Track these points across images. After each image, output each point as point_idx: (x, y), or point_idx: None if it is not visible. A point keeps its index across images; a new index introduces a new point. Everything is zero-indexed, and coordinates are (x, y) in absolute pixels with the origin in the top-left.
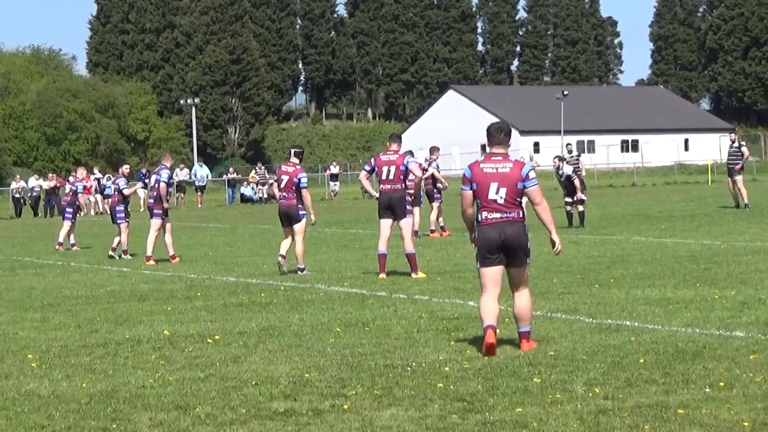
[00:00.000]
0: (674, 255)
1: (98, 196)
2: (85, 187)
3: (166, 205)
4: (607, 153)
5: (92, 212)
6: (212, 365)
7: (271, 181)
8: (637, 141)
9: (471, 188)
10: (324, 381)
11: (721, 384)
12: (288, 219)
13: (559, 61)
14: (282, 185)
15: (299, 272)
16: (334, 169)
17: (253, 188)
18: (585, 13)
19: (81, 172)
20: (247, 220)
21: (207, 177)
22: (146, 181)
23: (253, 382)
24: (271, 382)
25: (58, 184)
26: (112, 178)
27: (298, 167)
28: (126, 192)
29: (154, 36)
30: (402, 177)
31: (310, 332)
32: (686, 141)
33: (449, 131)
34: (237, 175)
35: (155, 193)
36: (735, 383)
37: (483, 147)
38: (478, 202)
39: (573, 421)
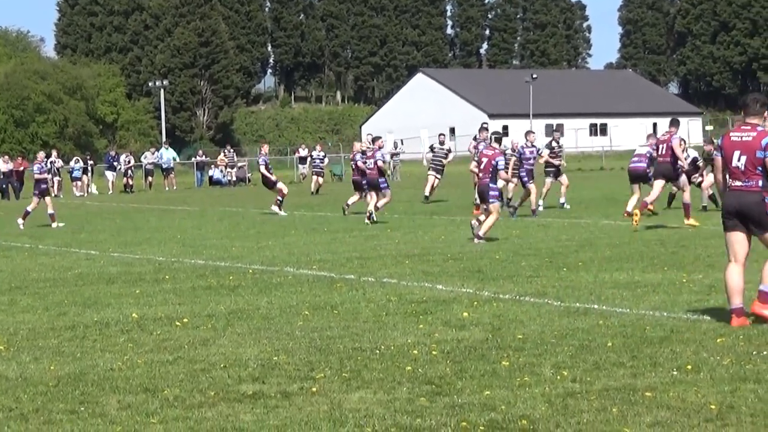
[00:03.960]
0: (642, 238)
1: (56, 179)
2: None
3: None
4: (575, 137)
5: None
6: (181, 348)
7: (241, 164)
8: (605, 125)
9: (721, 155)
10: (292, 364)
11: (689, 367)
12: (482, 197)
13: (528, 45)
14: (482, 166)
15: (476, 240)
16: (303, 152)
17: (221, 171)
18: None
19: (40, 154)
20: (216, 202)
21: (174, 160)
22: (114, 163)
23: (222, 365)
24: (239, 364)
25: (17, 167)
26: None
27: (497, 151)
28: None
29: (123, 18)
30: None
31: (278, 315)
32: (654, 125)
33: (418, 114)
34: (205, 157)
35: None
36: (702, 366)
37: (452, 130)
38: (727, 169)
39: (541, 404)
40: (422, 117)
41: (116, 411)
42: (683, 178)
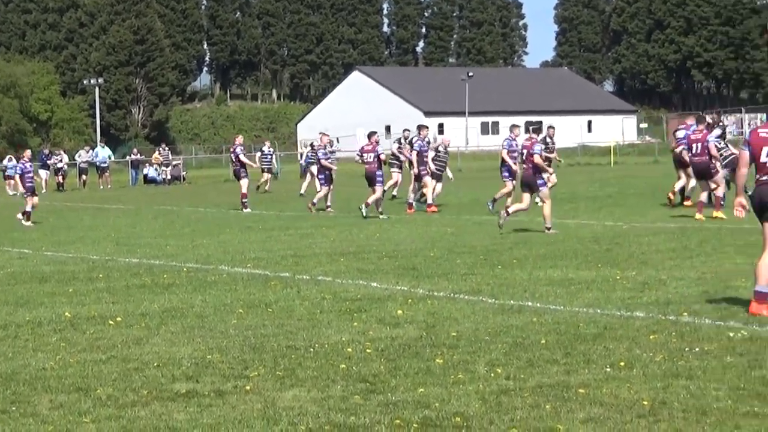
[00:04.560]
0: (577, 236)
1: None
2: None
3: None
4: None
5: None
6: (114, 347)
7: (176, 162)
8: (541, 123)
9: (748, 150)
10: (226, 362)
11: (622, 363)
12: (528, 187)
13: (465, 43)
14: (524, 157)
15: (546, 231)
16: (267, 149)
17: (156, 169)
18: None
19: None
20: (151, 201)
21: (109, 158)
22: (48, 162)
23: (155, 364)
24: (173, 363)
25: None
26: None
27: (534, 139)
28: None
29: (58, 15)
30: None
31: (212, 313)
32: (589, 122)
33: (354, 112)
34: (140, 156)
35: None
36: (635, 363)
37: (388, 128)
38: (755, 164)
39: (475, 401)
40: (358, 115)
41: (48, 410)
42: (719, 174)
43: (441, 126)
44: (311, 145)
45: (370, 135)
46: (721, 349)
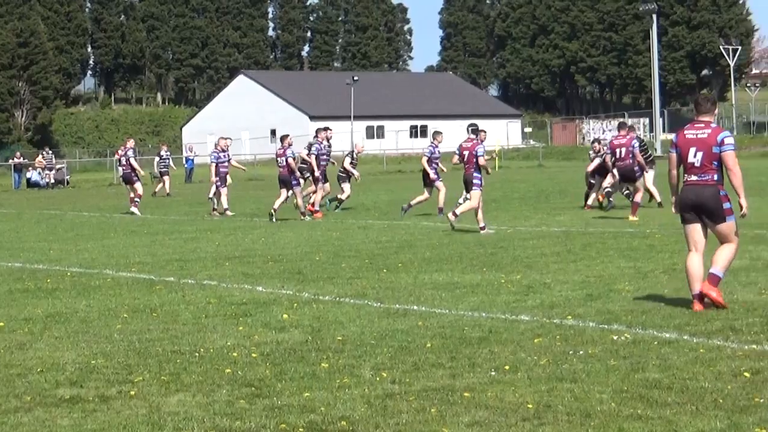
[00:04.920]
0: (461, 240)
1: None
2: None
3: None
4: (396, 139)
5: None
6: None
7: (60, 166)
8: (426, 127)
9: (676, 152)
10: (111, 367)
11: (507, 367)
12: (466, 185)
13: (350, 47)
14: (465, 158)
15: (481, 231)
16: (164, 152)
17: (39, 173)
18: None
19: None
20: (34, 205)
21: None
22: None
23: (39, 369)
24: (56, 368)
25: None
26: None
27: (475, 142)
28: None
29: None
30: None
31: (97, 318)
32: (475, 126)
33: (240, 116)
34: (23, 159)
35: None
36: (520, 366)
37: (273, 132)
38: (683, 165)
39: (360, 405)
40: (243, 119)
41: None
42: (641, 180)
43: (327, 130)
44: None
45: (283, 138)
46: (604, 352)
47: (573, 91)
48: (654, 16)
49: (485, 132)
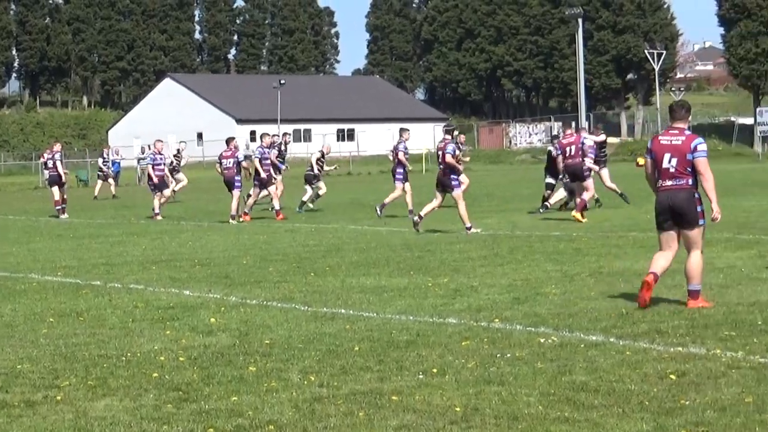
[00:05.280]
0: (389, 243)
1: None
2: None
3: None
4: (323, 142)
5: None
6: None
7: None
8: (353, 130)
9: (651, 157)
10: (37, 372)
11: (434, 370)
12: (442, 186)
13: (277, 51)
14: (438, 159)
15: (467, 232)
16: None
17: None
18: (302, 2)
19: None
20: None
21: None
22: None
23: None
24: None
25: None
26: None
27: (447, 140)
28: None
29: None
30: None
31: (22, 323)
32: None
33: (166, 119)
34: None
35: None
36: (448, 369)
37: (199, 135)
38: (657, 170)
39: (288, 409)
40: (170, 122)
41: None
42: (590, 180)
43: (253, 133)
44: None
45: (229, 141)
46: (532, 355)
47: (499, 95)
48: (580, 21)
49: (457, 131)
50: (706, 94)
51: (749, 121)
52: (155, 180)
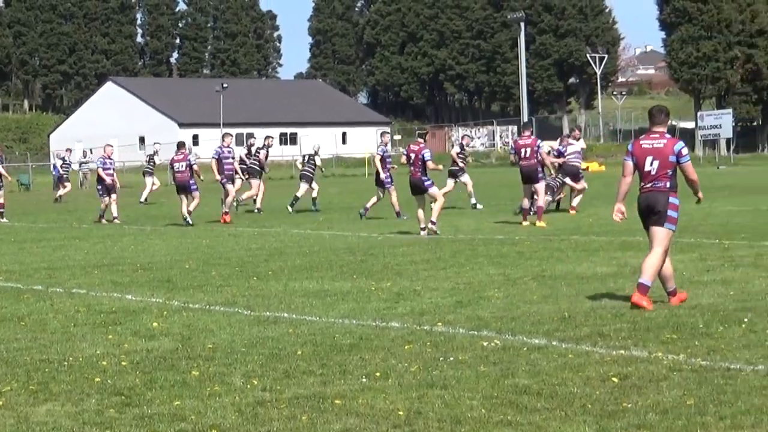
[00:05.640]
0: (332, 247)
1: None
2: None
3: None
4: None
5: None
6: None
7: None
8: (295, 134)
9: (632, 160)
10: None
11: (378, 374)
12: (417, 189)
13: (219, 54)
14: (412, 161)
15: (431, 225)
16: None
17: None
18: (245, 6)
19: None
20: None
21: None
22: None
23: None
24: None
25: None
26: None
27: (422, 145)
28: None
29: None
30: None
31: None
32: (344, 134)
33: (108, 123)
34: None
35: None
36: (391, 373)
37: (142, 139)
38: (638, 173)
39: (231, 413)
40: (112, 126)
41: None
42: (543, 183)
43: (196, 137)
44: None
45: (180, 145)
46: (474, 359)
47: (442, 99)
48: (522, 25)
49: (427, 134)
50: (648, 98)
51: (690, 125)
52: (107, 182)
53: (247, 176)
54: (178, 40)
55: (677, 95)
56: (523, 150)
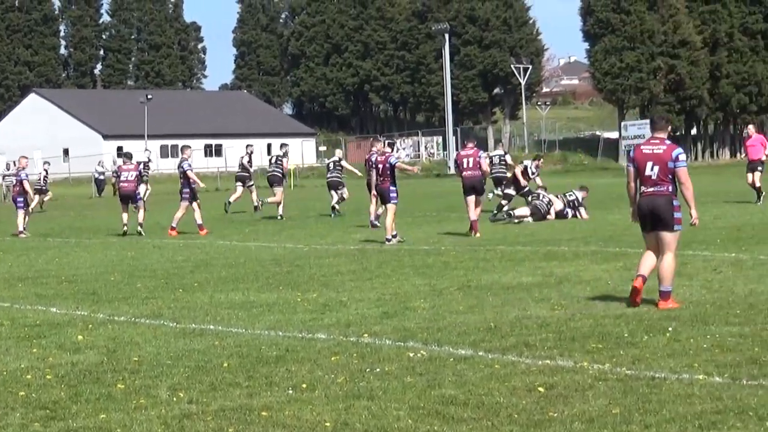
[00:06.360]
0: (258, 258)
1: None
2: None
3: None
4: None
5: None
6: None
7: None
8: (220, 145)
9: (633, 166)
10: None
11: (304, 385)
12: (381, 197)
13: (143, 66)
14: (380, 171)
15: (387, 242)
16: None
17: None
18: (169, 17)
19: None
20: None
21: None
22: None
23: None
24: None
25: None
26: None
27: (388, 154)
28: None
29: None
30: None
31: None
32: (269, 145)
33: (31, 135)
34: None
35: None
36: (317, 384)
37: (66, 151)
38: (640, 178)
39: (157, 426)
40: (36, 138)
41: None
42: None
43: (120, 149)
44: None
45: (128, 156)
46: (401, 369)
47: (367, 110)
48: (446, 36)
49: (394, 144)
50: (572, 108)
51: (614, 135)
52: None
53: (251, 182)
54: (102, 52)
55: (601, 105)
56: (465, 160)
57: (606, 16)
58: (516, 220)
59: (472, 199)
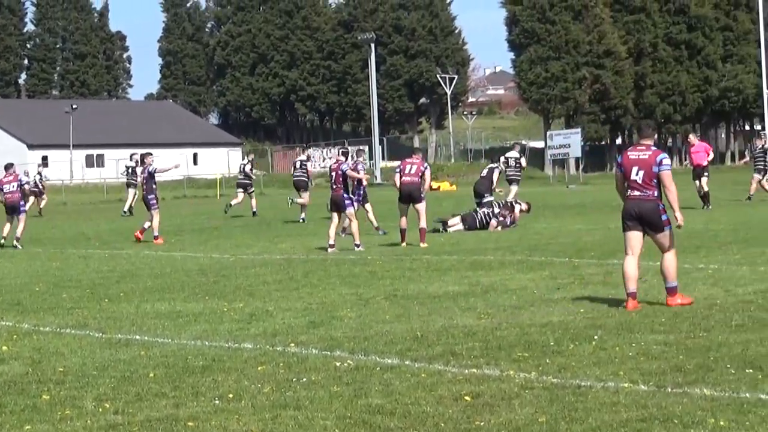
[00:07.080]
0: (184, 268)
1: None
2: None
3: None
4: (116, 167)
5: None
6: None
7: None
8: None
9: (620, 170)
10: None
11: (231, 395)
12: (336, 206)
13: (68, 75)
14: (333, 179)
15: (356, 247)
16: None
17: None
18: (94, 27)
19: None
20: None
21: None
22: None
23: None
24: None
25: None
26: None
27: (340, 161)
28: None
29: None
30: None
31: None
32: (195, 155)
33: None
34: None
35: None
36: (244, 394)
37: None
38: (626, 182)
39: None
40: None
41: None
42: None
43: (45, 158)
44: None
45: (8, 167)
46: (328, 379)
47: (293, 119)
48: (372, 45)
49: (348, 154)
50: (498, 117)
51: (540, 144)
52: None
53: (252, 189)
54: (26, 61)
55: (527, 115)
56: (408, 167)
57: (531, 26)
58: (450, 229)
59: (405, 207)
